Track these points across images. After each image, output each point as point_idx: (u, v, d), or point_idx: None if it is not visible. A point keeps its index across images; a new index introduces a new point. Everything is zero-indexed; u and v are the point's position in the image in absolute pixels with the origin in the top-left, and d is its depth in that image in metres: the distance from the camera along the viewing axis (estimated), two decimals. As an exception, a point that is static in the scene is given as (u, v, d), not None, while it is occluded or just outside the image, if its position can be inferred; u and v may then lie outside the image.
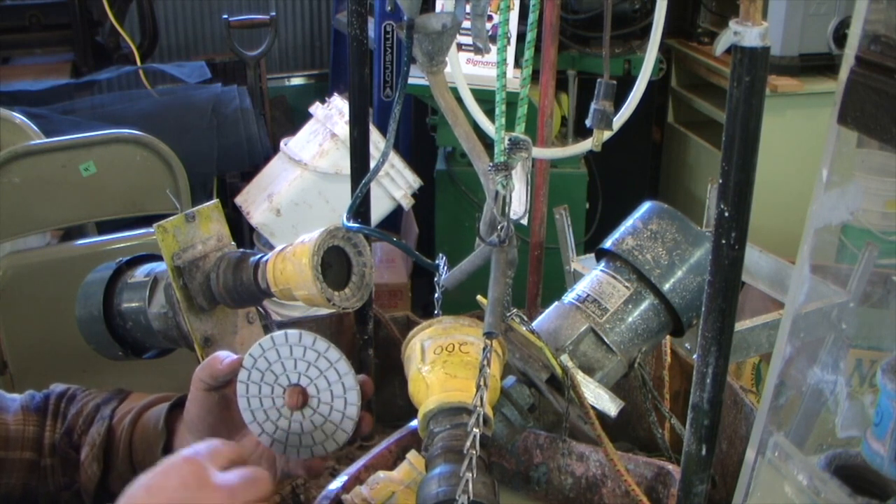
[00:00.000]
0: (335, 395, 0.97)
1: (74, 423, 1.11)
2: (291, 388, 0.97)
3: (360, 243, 1.17)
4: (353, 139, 1.49)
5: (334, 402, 0.97)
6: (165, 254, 1.24)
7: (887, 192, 1.98)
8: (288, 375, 0.97)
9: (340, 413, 0.97)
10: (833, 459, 0.99)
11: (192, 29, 4.52)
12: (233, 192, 2.97)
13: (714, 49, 1.63)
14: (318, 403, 0.97)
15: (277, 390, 0.98)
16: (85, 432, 1.10)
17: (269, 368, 0.98)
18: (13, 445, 1.09)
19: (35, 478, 1.10)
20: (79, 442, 1.10)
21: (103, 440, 1.08)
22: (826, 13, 3.09)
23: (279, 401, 0.98)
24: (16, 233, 2.23)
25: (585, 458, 1.30)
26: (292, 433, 0.98)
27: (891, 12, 0.79)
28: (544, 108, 2.07)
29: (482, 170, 1.04)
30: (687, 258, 1.12)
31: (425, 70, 1.09)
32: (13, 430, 1.10)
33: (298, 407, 0.97)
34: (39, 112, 2.85)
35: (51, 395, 1.15)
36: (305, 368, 0.97)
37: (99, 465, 1.08)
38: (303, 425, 0.98)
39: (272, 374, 0.98)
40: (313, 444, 0.98)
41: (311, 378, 0.97)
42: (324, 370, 0.96)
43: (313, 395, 0.97)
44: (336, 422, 0.97)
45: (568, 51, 3.06)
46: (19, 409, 1.12)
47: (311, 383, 0.97)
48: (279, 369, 0.98)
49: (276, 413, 0.98)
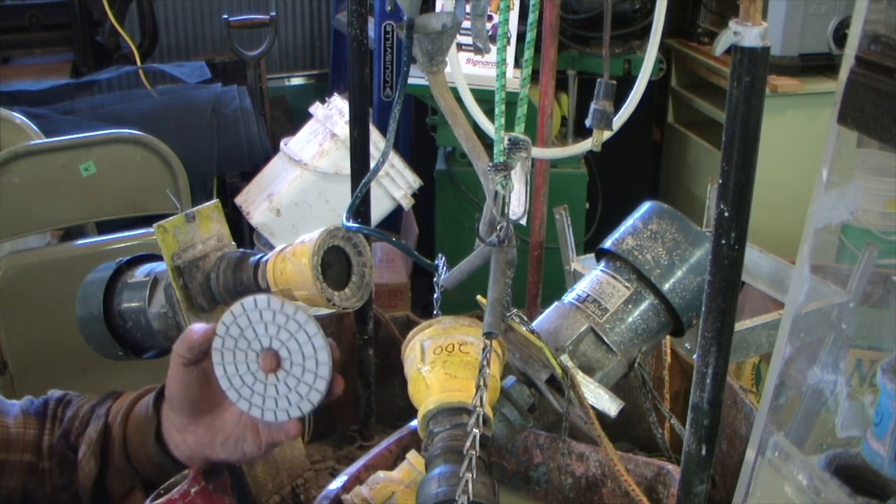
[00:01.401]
0: (306, 356, 0.99)
1: (71, 426, 1.12)
2: (265, 352, 1.00)
3: (360, 243, 1.17)
4: (353, 139, 1.49)
5: (306, 362, 0.99)
6: (165, 254, 1.24)
7: (887, 192, 1.98)
8: (260, 340, 1.00)
9: (313, 373, 0.99)
10: (833, 459, 0.99)
11: (192, 29, 4.52)
12: (233, 192, 2.97)
13: (714, 49, 1.63)
14: (290, 365, 1.00)
15: (251, 355, 1.01)
16: (81, 433, 1.11)
17: (241, 335, 1.00)
18: (14, 448, 1.10)
19: (34, 480, 1.11)
20: (76, 443, 1.11)
21: (100, 437, 1.09)
22: (826, 13, 3.09)
23: (254, 366, 1.01)
24: (16, 233, 2.23)
25: (585, 458, 1.30)
26: (268, 396, 1.01)
27: (891, 12, 0.79)
28: (544, 108, 2.08)
29: (482, 170, 1.04)
30: (687, 258, 1.12)
31: (425, 70, 1.09)
32: (14, 433, 1.11)
33: (273, 370, 1.00)
34: (39, 112, 2.85)
35: (49, 400, 1.16)
36: (276, 332, 0.99)
37: (96, 462, 1.09)
38: (278, 388, 1.00)
39: (245, 341, 1.00)
40: (289, 405, 1.01)
41: (282, 341, 1.00)
42: (294, 332, 0.99)
43: (286, 357, 1.00)
44: (309, 382, 0.99)
45: (568, 51, 3.06)
46: (19, 413, 1.13)
47: (283, 346, 1.00)
48: (251, 335, 1.00)
49: (251, 378, 1.01)
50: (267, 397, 1.01)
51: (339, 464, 1.51)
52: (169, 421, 1.07)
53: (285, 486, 1.39)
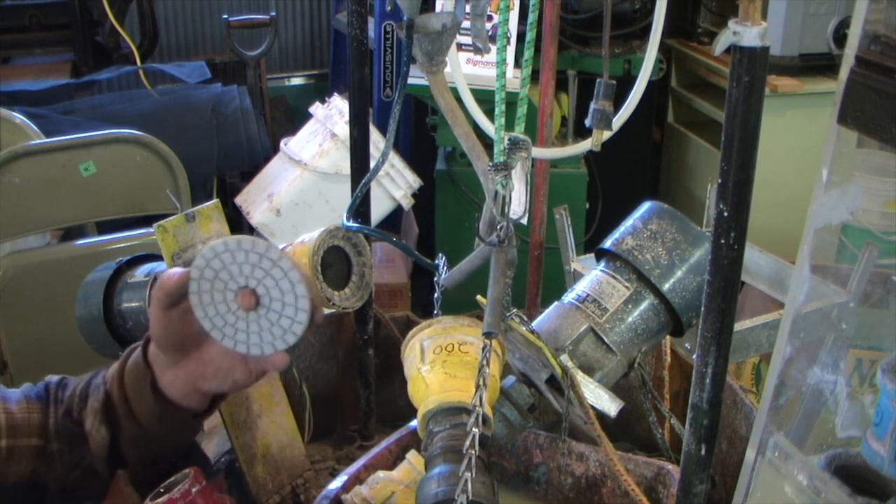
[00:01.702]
0: (284, 291, 1.00)
1: (71, 404, 1.13)
2: (242, 290, 1.01)
3: (360, 243, 1.17)
4: (353, 139, 1.49)
5: (285, 297, 1.00)
6: (165, 253, 1.24)
7: (887, 192, 1.98)
8: (236, 280, 1.01)
9: (293, 307, 1.01)
10: (833, 459, 0.99)
11: (192, 29, 4.52)
12: (233, 192, 2.97)
13: (713, 49, 1.63)
14: (270, 301, 1.01)
15: (229, 295, 1.02)
16: (83, 407, 1.12)
17: (216, 276, 1.01)
18: (21, 433, 1.11)
19: (43, 464, 1.11)
20: (80, 418, 1.12)
21: (103, 405, 1.11)
22: (826, 13, 3.09)
23: (233, 305, 1.02)
24: (16, 233, 2.23)
25: (585, 458, 1.30)
26: (252, 332, 1.02)
27: (891, 12, 0.79)
28: (544, 108, 2.08)
29: (482, 170, 1.04)
30: (687, 258, 1.12)
31: (425, 70, 1.09)
32: (20, 419, 1.12)
33: (252, 307, 1.01)
34: (39, 112, 2.85)
35: (49, 384, 1.17)
36: (251, 271, 1.01)
37: (108, 428, 1.10)
38: (260, 323, 1.02)
39: (221, 282, 1.02)
40: (274, 339, 1.02)
41: (258, 279, 1.01)
42: (268, 269, 1.00)
43: (263, 294, 1.01)
44: (291, 315, 1.01)
45: (568, 51, 3.06)
46: (22, 398, 1.14)
47: (259, 283, 1.01)
48: (226, 276, 1.01)
49: (232, 317, 1.02)
50: (251, 333, 1.02)
51: (339, 464, 1.51)
52: (160, 362, 1.09)
53: (285, 486, 1.40)
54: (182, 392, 1.09)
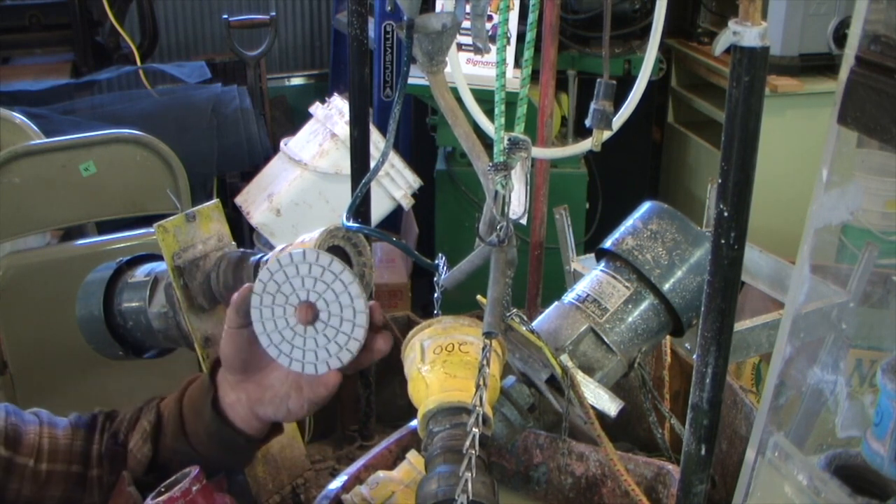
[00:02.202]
0: (343, 306, 1.01)
1: (119, 427, 1.15)
2: (301, 304, 1.02)
3: (360, 243, 1.17)
4: (353, 139, 1.49)
5: (343, 312, 1.01)
6: (166, 253, 1.24)
7: (887, 192, 1.98)
8: (297, 294, 1.02)
9: (350, 322, 1.01)
10: (833, 459, 0.99)
11: (192, 29, 4.52)
12: (233, 192, 2.97)
13: (713, 49, 1.63)
14: (328, 316, 1.01)
15: (289, 310, 1.02)
16: (131, 429, 1.14)
17: (279, 290, 1.02)
18: (61, 458, 1.13)
19: (80, 490, 1.13)
20: (126, 439, 1.14)
21: (153, 426, 1.13)
22: (826, 13, 3.09)
23: (292, 320, 1.02)
24: (16, 233, 2.23)
25: (585, 458, 1.30)
26: (307, 349, 1.02)
27: (891, 12, 0.79)
28: (544, 108, 2.07)
29: (482, 170, 1.04)
30: (687, 258, 1.12)
31: (425, 70, 1.09)
32: (62, 444, 1.14)
33: (310, 322, 1.01)
34: (39, 112, 2.85)
35: (97, 414, 1.19)
36: (313, 284, 1.01)
37: (150, 448, 1.12)
38: (317, 340, 1.02)
39: (282, 296, 1.02)
40: (329, 356, 1.02)
41: (318, 293, 1.01)
42: (330, 283, 1.00)
43: (323, 308, 1.01)
44: (347, 332, 1.01)
45: (568, 51, 3.06)
46: (68, 425, 1.16)
47: (320, 297, 1.01)
48: (288, 289, 1.02)
49: (290, 332, 1.02)
50: (306, 350, 1.02)
51: (339, 464, 1.51)
52: (224, 382, 1.11)
53: (285, 486, 1.40)
54: (242, 416, 1.10)
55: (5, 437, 1.10)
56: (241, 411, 1.10)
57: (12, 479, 1.10)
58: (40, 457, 1.11)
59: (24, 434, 1.12)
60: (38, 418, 1.16)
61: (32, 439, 1.12)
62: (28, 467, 1.10)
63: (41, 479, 1.11)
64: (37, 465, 1.11)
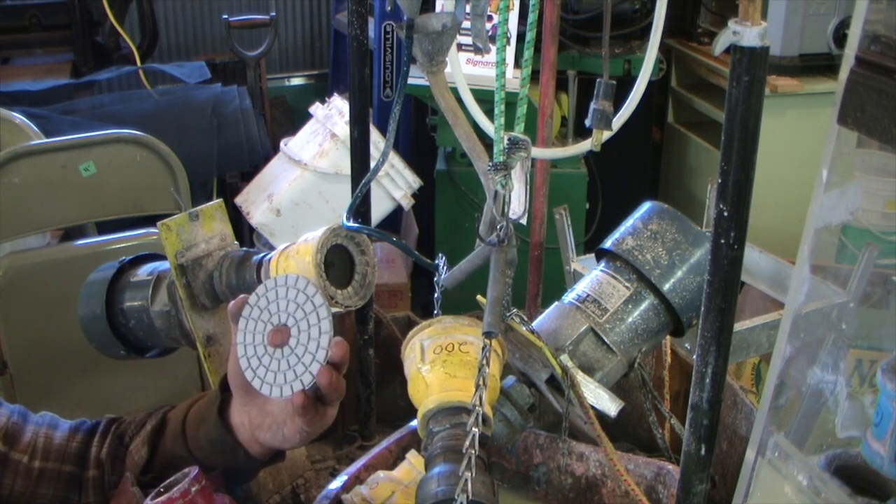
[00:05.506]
0: (311, 338, 1.02)
1: (126, 429, 1.17)
2: (277, 327, 1.03)
3: (362, 242, 1.17)
4: (353, 139, 1.49)
5: (309, 343, 1.02)
6: (169, 252, 1.24)
7: (887, 192, 1.98)
8: (278, 316, 1.04)
9: (311, 355, 1.02)
10: (833, 459, 0.99)
11: (192, 29, 4.52)
12: (233, 192, 2.97)
13: (713, 49, 1.62)
14: (295, 343, 1.03)
15: (268, 328, 1.04)
16: (137, 432, 1.15)
17: (262, 312, 1.04)
18: (54, 457, 1.15)
19: (74, 490, 1.15)
20: (129, 441, 1.15)
21: (155, 429, 1.14)
22: (826, 13, 3.09)
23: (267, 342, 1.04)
24: (16, 233, 2.22)
25: (585, 458, 1.30)
26: (277, 372, 1.04)
27: (891, 12, 0.79)
28: (544, 108, 2.08)
29: (482, 170, 1.04)
30: (687, 258, 1.12)
31: (425, 70, 1.09)
32: (57, 445, 1.15)
33: (278, 345, 1.03)
34: (39, 112, 2.85)
35: (102, 420, 1.20)
36: (288, 307, 1.03)
37: (148, 450, 1.13)
38: (286, 362, 1.03)
39: (268, 314, 1.04)
40: (294, 377, 1.03)
41: (296, 319, 1.03)
42: (302, 304, 1.02)
43: (294, 335, 1.03)
44: (312, 352, 1.02)
45: (568, 51, 3.06)
46: (67, 429, 1.18)
47: (296, 324, 1.03)
48: (268, 313, 1.04)
49: (266, 356, 1.04)
50: (277, 373, 1.03)
51: (339, 464, 1.51)
52: (233, 403, 1.12)
53: (285, 486, 1.40)
54: (245, 438, 1.10)
55: (5, 434, 1.13)
56: (245, 434, 1.10)
57: (6, 474, 1.12)
58: (34, 454, 1.14)
59: (23, 432, 1.14)
60: (43, 420, 1.18)
61: (30, 438, 1.14)
62: (22, 463, 1.13)
63: (34, 476, 1.13)
64: (30, 462, 1.13)
